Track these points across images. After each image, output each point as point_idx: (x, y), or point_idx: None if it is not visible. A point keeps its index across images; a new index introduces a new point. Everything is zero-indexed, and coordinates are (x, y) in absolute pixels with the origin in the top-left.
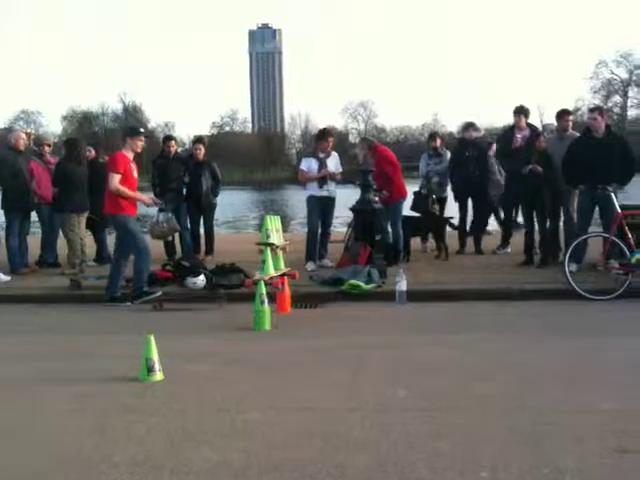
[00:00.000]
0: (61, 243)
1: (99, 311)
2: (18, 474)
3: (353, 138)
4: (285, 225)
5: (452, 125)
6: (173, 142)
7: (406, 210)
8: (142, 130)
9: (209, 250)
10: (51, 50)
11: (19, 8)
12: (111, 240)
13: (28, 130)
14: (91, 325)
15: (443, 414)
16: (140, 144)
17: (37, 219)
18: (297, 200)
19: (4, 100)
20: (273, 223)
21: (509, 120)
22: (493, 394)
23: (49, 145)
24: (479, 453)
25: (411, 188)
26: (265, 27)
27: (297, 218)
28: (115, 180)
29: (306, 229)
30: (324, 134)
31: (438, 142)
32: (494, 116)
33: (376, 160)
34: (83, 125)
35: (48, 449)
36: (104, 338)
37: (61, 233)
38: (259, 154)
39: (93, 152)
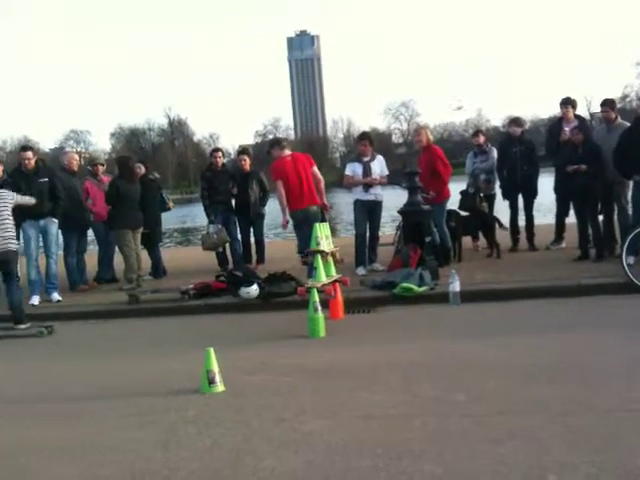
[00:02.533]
0: (118, 259)
1: (157, 324)
2: None
3: (396, 138)
4: (333, 230)
5: (497, 119)
6: (220, 154)
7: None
8: None
9: (260, 259)
10: (97, 69)
11: (65, 28)
12: (167, 254)
13: (79, 149)
14: (150, 338)
15: (504, 418)
16: None
17: (94, 237)
18: (344, 204)
19: (54, 120)
20: (322, 230)
21: (554, 110)
22: (555, 395)
23: (102, 165)
24: (543, 457)
25: (457, 186)
26: (303, 34)
27: (344, 222)
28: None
29: (354, 233)
30: (360, 137)
31: (482, 139)
32: (540, 107)
33: (427, 158)
34: (131, 141)
35: (118, 464)
36: (164, 351)
37: (117, 249)
38: None
39: (143, 169)
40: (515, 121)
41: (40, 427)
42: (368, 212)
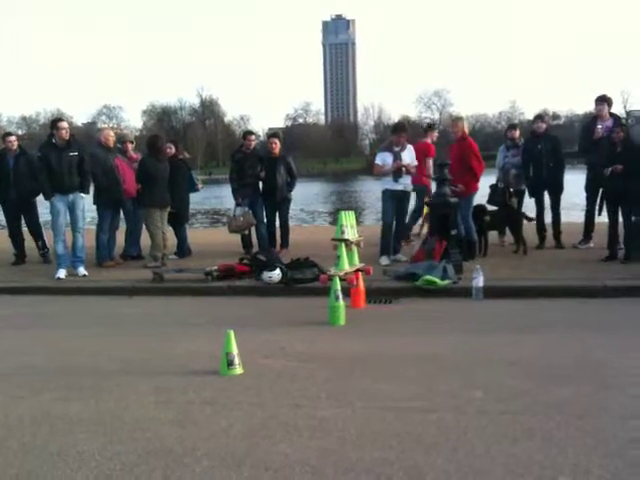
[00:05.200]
0: (145, 236)
1: (179, 303)
2: (107, 465)
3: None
4: (358, 218)
5: (531, 113)
6: (253, 137)
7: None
8: None
9: (284, 244)
10: (131, 46)
11: (102, 5)
12: (192, 234)
13: (111, 125)
14: (172, 317)
15: (521, 417)
16: None
17: (122, 214)
18: (370, 191)
19: (87, 95)
20: (348, 219)
21: (590, 106)
22: (573, 396)
23: (132, 142)
24: (558, 458)
25: (487, 180)
26: (339, 18)
27: (370, 210)
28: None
29: (380, 222)
30: (397, 129)
31: (517, 133)
32: (576, 102)
33: (461, 151)
34: (162, 119)
35: (134, 441)
36: (184, 331)
37: (144, 227)
38: (332, 145)
39: (173, 149)
40: (541, 117)
41: (62, 400)
42: (396, 202)
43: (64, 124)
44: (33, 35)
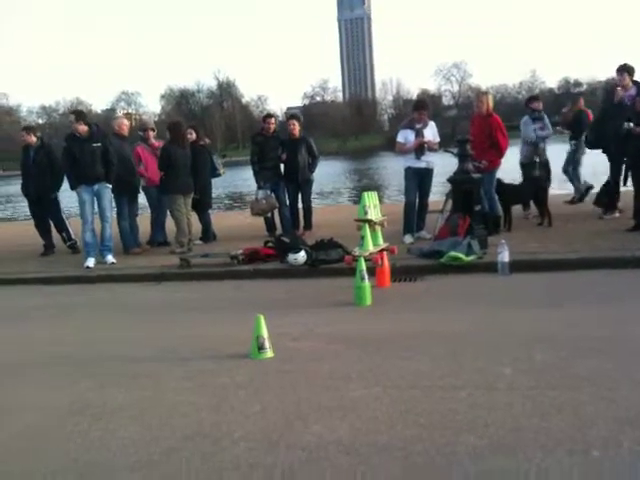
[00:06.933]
0: (170, 223)
1: (207, 288)
2: (147, 450)
3: (447, 100)
4: (381, 196)
5: (552, 81)
6: (273, 120)
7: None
8: None
9: (307, 225)
10: (148, 32)
11: None
12: (216, 219)
13: (130, 111)
14: (201, 302)
15: (551, 392)
16: None
17: (146, 201)
18: (391, 168)
19: (106, 82)
20: (370, 199)
21: (612, 72)
22: (603, 369)
23: (153, 130)
24: (589, 432)
25: (509, 152)
26: None
27: (392, 188)
28: None
29: (403, 199)
30: (419, 106)
31: (540, 105)
32: (597, 69)
33: (485, 127)
34: (180, 103)
35: (172, 426)
36: (213, 315)
37: (169, 213)
38: (351, 123)
39: (194, 135)
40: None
41: (100, 388)
42: (419, 180)
43: (71, 117)
44: (51, 23)
